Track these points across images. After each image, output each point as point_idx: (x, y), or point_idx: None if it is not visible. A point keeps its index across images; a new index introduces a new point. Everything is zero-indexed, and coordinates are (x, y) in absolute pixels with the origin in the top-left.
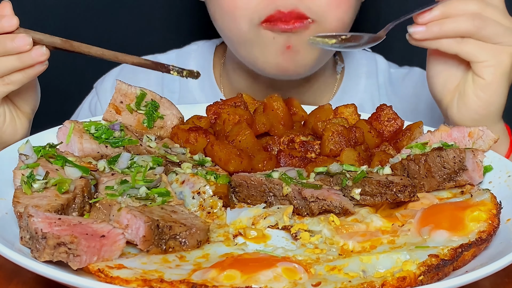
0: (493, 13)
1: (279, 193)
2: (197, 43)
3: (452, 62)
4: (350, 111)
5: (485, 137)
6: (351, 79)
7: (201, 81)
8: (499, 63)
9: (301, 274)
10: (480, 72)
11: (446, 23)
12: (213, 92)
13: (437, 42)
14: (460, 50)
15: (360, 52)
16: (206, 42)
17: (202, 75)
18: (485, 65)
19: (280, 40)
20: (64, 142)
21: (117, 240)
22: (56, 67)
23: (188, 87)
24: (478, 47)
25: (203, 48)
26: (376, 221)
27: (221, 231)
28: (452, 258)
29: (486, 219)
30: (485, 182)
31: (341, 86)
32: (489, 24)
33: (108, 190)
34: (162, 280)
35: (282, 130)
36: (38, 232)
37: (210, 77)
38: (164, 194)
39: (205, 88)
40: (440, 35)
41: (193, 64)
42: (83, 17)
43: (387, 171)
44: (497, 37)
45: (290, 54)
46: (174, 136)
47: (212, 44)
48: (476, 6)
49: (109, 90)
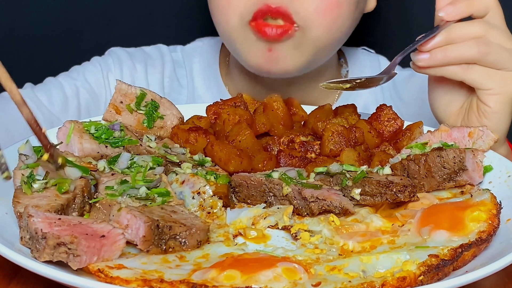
0: (497, 36)
1: (279, 193)
2: (202, 40)
3: (454, 86)
4: (350, 111)
5: (485, 137)
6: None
7: (207, 78)
8: (505, 91)
9: (301, 274)
10: (485, 99)
11: (450, 49)
12: (219, 89)
13: (442, 69)
14: (465, 78)
15: (363, 53)
16: (211, 39)
17: (208, 72)
18: (490, 93)
19: (262, 44)
20: (64, 142)
21: (117, 240)
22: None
23: (194, 83)
24: (484, 75)
25: (208, 45)
26: (376, 221)
27: (221, 231)
28: (452, 258)
29: (486, 219)
30: (485, 182)
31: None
32: (494, 49)
33: (108, 190)
34: (162, 280)
35: (282, 130)
36: (38, 232)
37: (216, 75)
38: (164, 194)
39: (210, 86)
40: (444, 62)
41: (198, 60)
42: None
43: (387, 171)
44: (503, 63)
45: (271, 57)
46: (174, 136)
47: (218, 41)
48: (479, 29)
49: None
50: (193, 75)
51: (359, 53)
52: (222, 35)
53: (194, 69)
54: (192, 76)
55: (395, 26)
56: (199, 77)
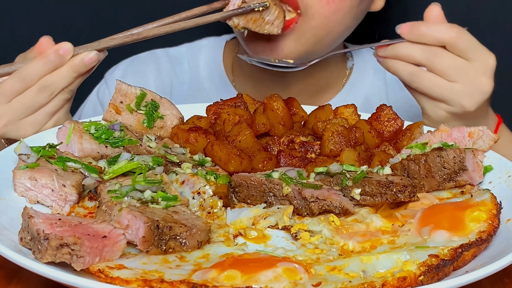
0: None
1: (279, 193)
2: (208, 39)
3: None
4: (350, 111)
5: (485, 137)
6: (358, 75)
7: (211, 72)
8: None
9: (302, 274)
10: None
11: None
12: (222, 82)
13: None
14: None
15: (368, 50)
16: (216, 38)
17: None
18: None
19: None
20: (64, 142)
21: (118, 241)
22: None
23: (199, 77)
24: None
25: (214, 43)
26: (376, 221)
27: (221, 231)
28: (452, 258)
29: (486, 219)
30: (485, 182)
31: (348, 81)
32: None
33: (111, 193)
34: (162, 281)
35: (282, 130)
36: (40, 233)
37: (220, 68)
38: (170, 198)
39: (215, 78)
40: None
41: (204, 56)
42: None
43: (387, 171)
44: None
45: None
46: (174, 136)
47: (222, 39)
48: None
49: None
50: (199, 69)
51: (364, 49)
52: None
53: (200, 64)
54: (197, 70)
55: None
56: (204, 71)
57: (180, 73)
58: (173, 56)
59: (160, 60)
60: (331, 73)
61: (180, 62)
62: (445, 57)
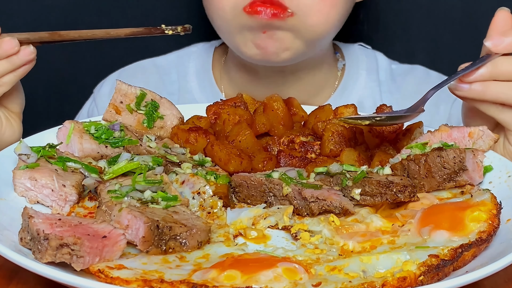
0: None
1: (279, 193)
2: (196, 45)
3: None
4: (350, 111)
5: (485, 137)
6: (351, 76)
7: (201, 81)
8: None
9: (302, 274)
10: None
11: (491, 87)
12: (213, 91)
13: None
14: (498, 117)
15: (360, 49)
16: (205, 44)
17: (202, 75)
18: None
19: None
20: (64, 143)
21: (118, 241)
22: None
23: (188, 87)
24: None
25: (202, 49)
26: (376, 221)
27: (221, 232)
28: (452, 258)
29: (486, 219)
30: (485, 182)
31: (341, 82)
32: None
33: (111, 193)
34: (162, 281)
35: (282, 130)
36: (40, 233)
37: (209, 77)
38: (170, 199)
39: (205, 88)
40: (482, 97)
41: (193, 64)
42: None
43: (387, 171)
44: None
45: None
46: (174, 136)
47: (211, 46)
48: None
49: (106, 95)
50: (187, 79)
51: (355, 49)
52: (219, 30)
53: (189, 72)
54: (186, 80)
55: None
56: (194, 81)
57: (168, 83)
58: (160, 66)
59: (148, 72)
60: (324, 75)
61: (168, 73)
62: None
